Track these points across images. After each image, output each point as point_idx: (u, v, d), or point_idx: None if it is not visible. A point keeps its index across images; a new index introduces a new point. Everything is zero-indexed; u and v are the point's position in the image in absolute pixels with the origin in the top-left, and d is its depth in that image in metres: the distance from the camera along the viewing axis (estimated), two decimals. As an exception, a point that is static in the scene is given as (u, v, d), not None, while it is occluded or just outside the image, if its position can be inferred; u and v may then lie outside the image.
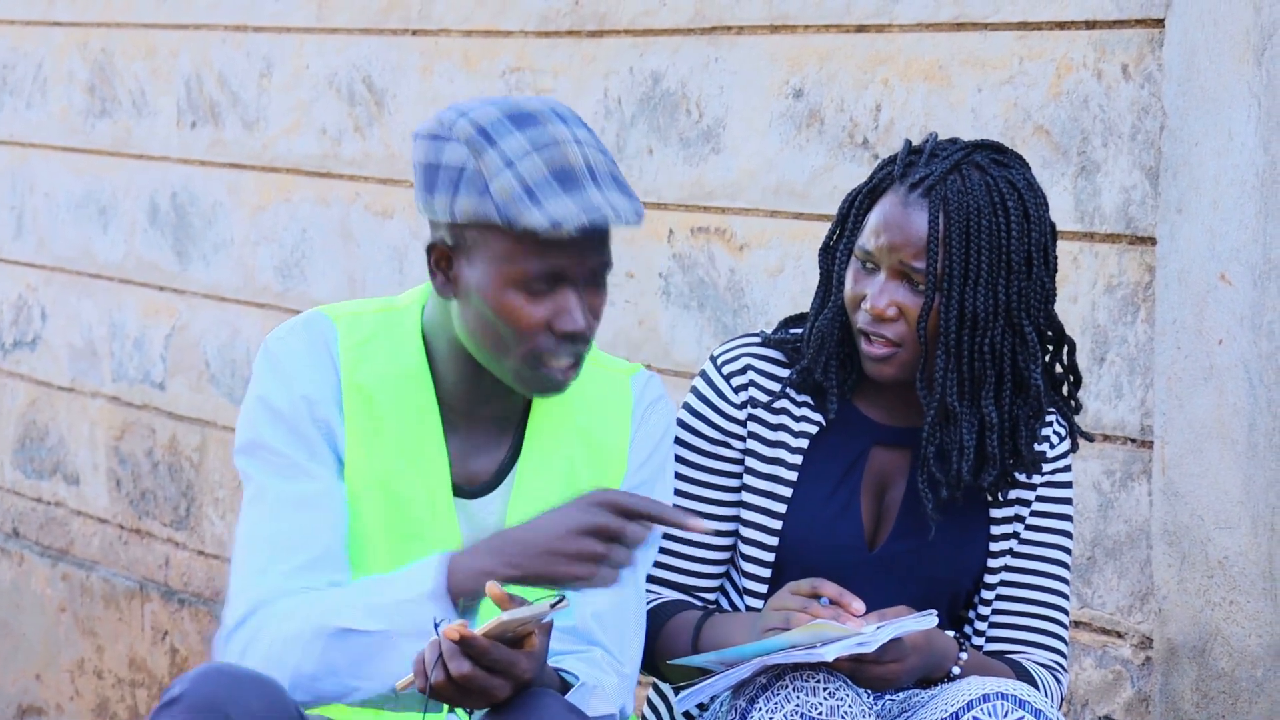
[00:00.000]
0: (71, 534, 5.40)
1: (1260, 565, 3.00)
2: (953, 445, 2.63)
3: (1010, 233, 2.60)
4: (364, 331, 2.53)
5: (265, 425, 2.49)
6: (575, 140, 2.43)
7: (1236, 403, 3.00)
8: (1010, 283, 2.60)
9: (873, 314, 2.60)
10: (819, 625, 2.45)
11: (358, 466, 2.50)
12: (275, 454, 2.49)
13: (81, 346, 5.31)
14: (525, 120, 2.43)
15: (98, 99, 5.19)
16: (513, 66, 4.09)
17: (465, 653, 2.31)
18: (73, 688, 5.35)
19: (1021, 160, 2.67)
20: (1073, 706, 3.28)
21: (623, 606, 2.55)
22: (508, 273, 2.42)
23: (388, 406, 2.51)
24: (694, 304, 3.79)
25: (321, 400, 2.49)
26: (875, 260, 2.61)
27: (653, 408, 2.60)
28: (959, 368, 2.60)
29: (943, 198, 2.59)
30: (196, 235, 4.92)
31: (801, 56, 3.60)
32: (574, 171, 2.42)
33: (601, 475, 2.56)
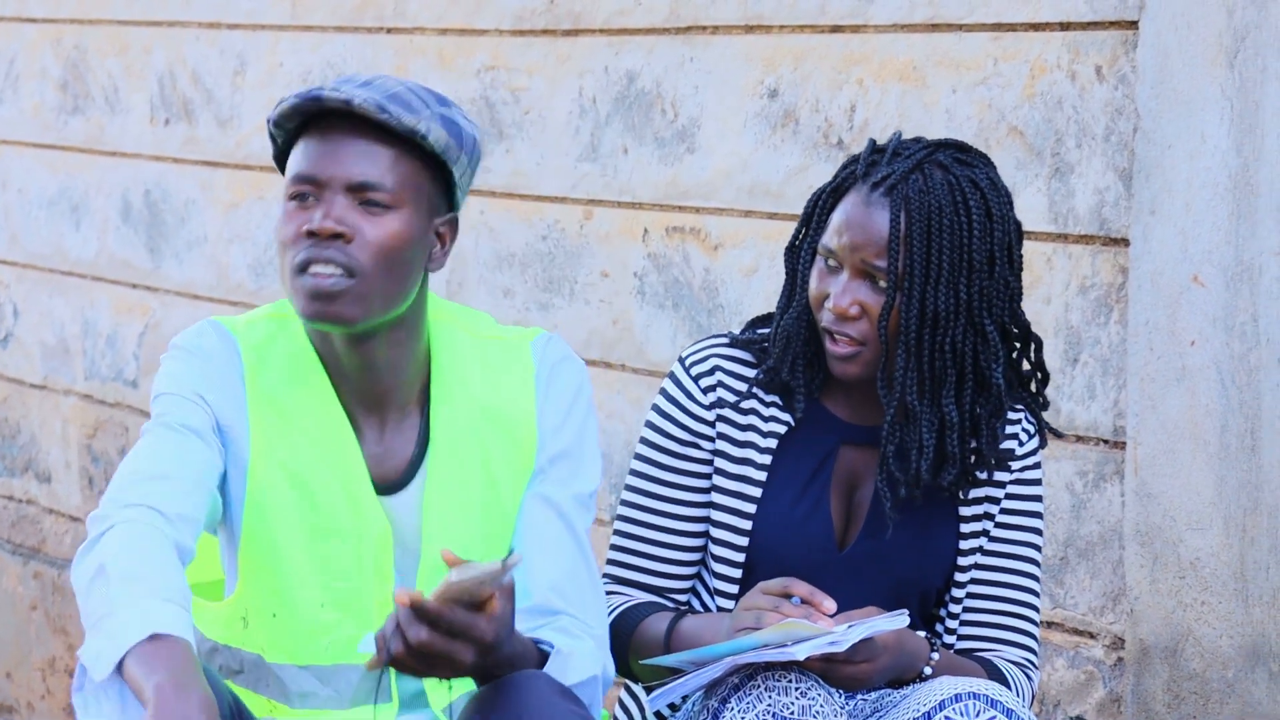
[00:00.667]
0: (43, 532, 5.39)
1: (1232, 566, 3.01)
2: (912, 444, 2.63)
3: (972, 231, 2.60)
4: (259, 337, 2.53)
5: (173, 399, 2.49)
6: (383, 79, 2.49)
7: (1209, 404, 3.01)
8: (972, 281, 2.61)
9: (836, 313, 2.61)
10: (790, 624, 2.45)
11: (268, 470, 2.49)
12: (173, 413, 2.47)
13: (54, 344, 5.29)
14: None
15: (71, 96, 5.17)
16: (487, 65, 4.09)
17: (421, 619, 2.28)
18: (44, 686, 5.34)
19: (986, 159, 2.67)
20: (1044, 707, 3.28)
21: (576, 572, 2.54)
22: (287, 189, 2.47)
23: (293, 409, 2.50)
24: (669, 303, 3.79)
25: (223, 407, 2.49)
26: (838, 259, 2.62)
27: (557, 369, 2.57)
28: (919, 366, 2.61)
29: (904, 196, 2.59)
30: (169, 233, 4.91)
31: (776, 57, 3.60)
32: (352, 78, 2.49)
33: (514, 451, 2.54)
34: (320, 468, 2.49)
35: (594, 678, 2.49)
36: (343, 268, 2.42)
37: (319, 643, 2.50)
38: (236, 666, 2.54)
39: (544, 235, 4.00)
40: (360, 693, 2.53)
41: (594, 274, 3.91)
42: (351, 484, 2.50)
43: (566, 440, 2.56)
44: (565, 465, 2.56)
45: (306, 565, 2.48)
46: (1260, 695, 2.99)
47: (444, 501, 2.51)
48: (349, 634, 2.49)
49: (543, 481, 2.55)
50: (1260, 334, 2.95)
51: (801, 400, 2.68)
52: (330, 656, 2.51)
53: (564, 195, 3.95)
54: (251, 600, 2.51)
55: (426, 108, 2.46)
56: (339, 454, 2.50)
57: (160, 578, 2.29)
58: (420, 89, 2.48)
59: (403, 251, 2.44)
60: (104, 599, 2.26)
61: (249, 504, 2.48)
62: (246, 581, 2.51)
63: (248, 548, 2.50)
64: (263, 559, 2.49)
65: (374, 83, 2.47)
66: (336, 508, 2.49)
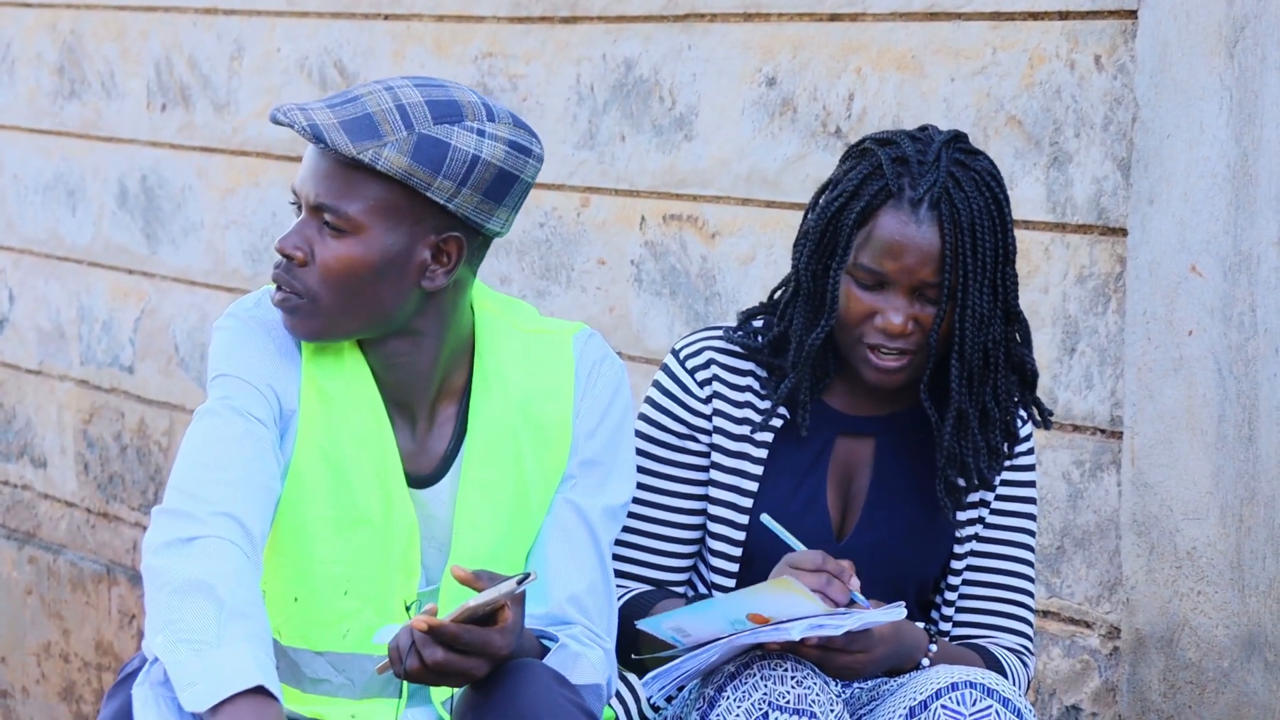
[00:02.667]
0: (39, 517, 5.39)
1: (1228, 556, 3.01)
2: (968, 449, 2.63)
3: (1005, 227, 2.61)
4: None
5: (235, 384, 2.48)
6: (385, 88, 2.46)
7: (1206, 394, 3.01)
8: (1005, 274, 2.61)
9: (891, 331, 2.59)
10: (789, 584, 2.43)
11: (310, 454, 2.49)
12: (239, 398, 2.46)
13: (50, 329, 5.29)
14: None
15: (67, 80, 5.17)
16: (484, 52, 4.09)
17: (437, 640, 2.31)
18: (39, 671, 5.34)
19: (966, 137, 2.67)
20: (1040, 696, 3.29)
21: (595, 587, 2.54)
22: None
23: (338, 396, 2.50)
24: (665, 291, 3.79)
25: (287, 392, 2.48)
26: (887, 279, 2.59)
27: (597, 369, 2.57)
28: (968, 369, 2.61)
29: (951, 209, 2.58)
30: (166, 218, 4.90)
31: (774, 45, 3.60)
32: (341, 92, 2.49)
33: (548, 451, 2.54)
34: (357, 457, 2.49)
35: (598, 685, 2.50)
36: (293, 290, 2.45)
37: (337, 630, 2.50)
38: None
39: (541, 223, 4.00)
40: (374, 683, 2.53)
41: (591, 261, 3.91)
42: (385, 476, 2.50)
43: (600, 447, 2.56)
44: (597, 473, 2.56)
45: (333, 553, 2.48)
46: (1256, 685, 2.99)
47: (476, 498, 2.51)
48: (368, 623, 2.49)
49: (574, 487, 2.55)
50: (1258, 324, 2.95)
51: (807, 410, 2.67)
52: (348, 645, 2.51)
53: (561, 183, 3.95)
54: (273, 582, 2.51)
55: (403, 129, 2.42)
56: (376, 445, 2.50)
57: (262, 624, 2.31)
58: (419, 105, 2.43)
59: (359, 275, 2.44)
60: (212, 624, 2.27)
61: (288, 488, 2.48)
62: (271, 563, 2.50)
63: (279, 531, 2.49)
64: (290, 543, 2.49)
65: (357, 99, 2.44)
66: (369, 498, 2.49)
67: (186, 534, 2.34)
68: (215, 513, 2.36)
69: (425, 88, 2.45)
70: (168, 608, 2.28)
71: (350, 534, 2.49)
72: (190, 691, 2.24)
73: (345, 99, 2.45)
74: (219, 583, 2.29)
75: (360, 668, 2.52)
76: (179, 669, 2.25)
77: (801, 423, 2.67)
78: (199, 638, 2.26)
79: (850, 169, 2.64)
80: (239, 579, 2.31)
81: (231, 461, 2.40)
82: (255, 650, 2.26)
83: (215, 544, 2.33)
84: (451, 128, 2.44)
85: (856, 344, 2.61)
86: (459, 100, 2.45)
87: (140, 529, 5.02)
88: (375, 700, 2.54)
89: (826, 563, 2.51)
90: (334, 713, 2.53)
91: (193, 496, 2.37)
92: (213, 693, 2.23)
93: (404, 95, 2.44)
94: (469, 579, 2.34)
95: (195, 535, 2.33)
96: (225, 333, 2.49)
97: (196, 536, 2.33)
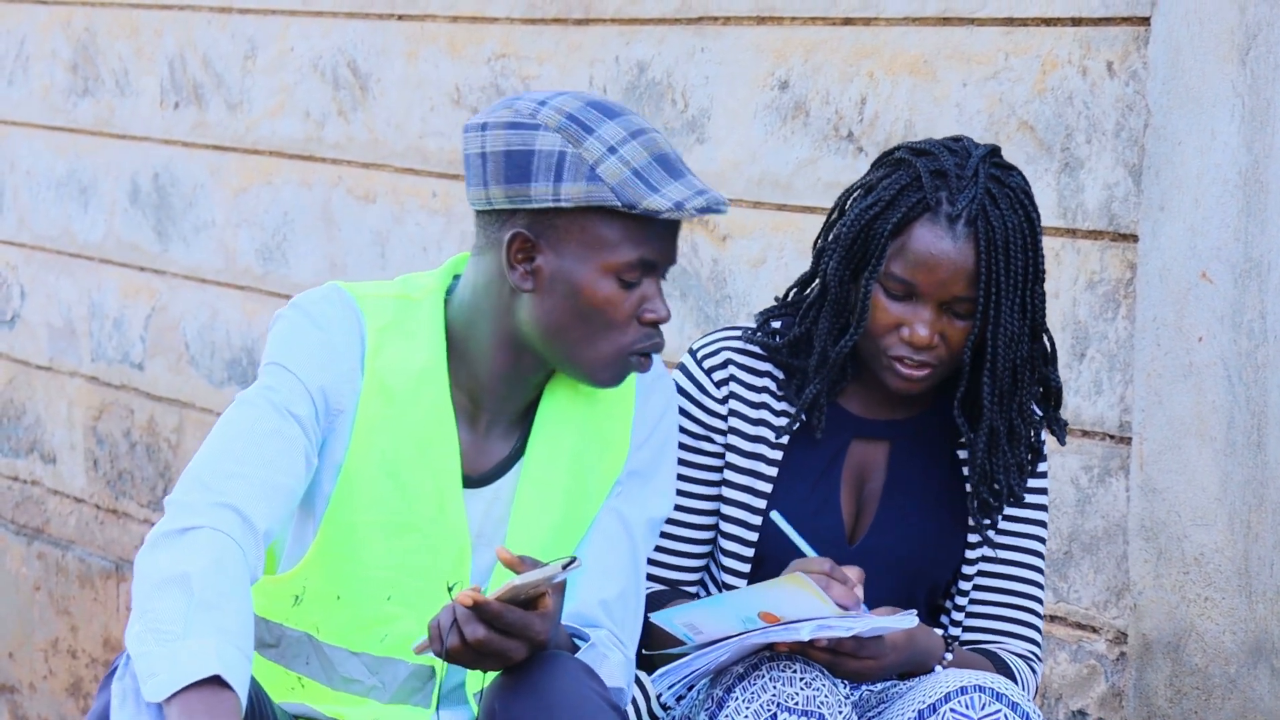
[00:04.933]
0: (47, 513, 5.40)
1: (1236, 562, 3.01)
2: (999, 466, 2.64)
3: (1038, 245, 2.62)
4: (385, 318, 2.50)
5: (281, 375, 2.45)
6: (656, 130, 2.45)
7: (1215, 400, 3.01)
8: (1036, 292, 2.62)
9: (918, 344, 2.59)
10: (802, 582, 2.43)
11: (366, 454, 2.48)
12: (282, 392, 2.45)
13: (60, 326, 5.30)
14: (608, 109, 2.44)
15: (80, 78, 5.18)
16: (498, 53, 4.09)
17: (480, 617, 2.31)
18: (46, 667, 5.35)
19: (1000, 151, 2.68)
20: (1046, 700, 3.29)
21: (627, 596, 2.55)
22: (606, 261, 2.42)
23: (403, 397, 2.48)
24: (676, 294, 3.80)
25: (339, 391, 2.46)
26: (918, 291, 2.59)
27: (655, 384, 2.58)
28: (998, 386, 2.61)
29: (987, 226, 2.58)
30: (177, 216, 4.91)
31: (787, 48, 3.60)
32: (670, 158, 2.43)
33: (605, 456, 2.55)
34: (416, 462, 2.48)
35: (620, 689, 2.50)
36: None
37: (376, 633, 2.50)
38: (271, 640, 2.53)
39: (552, 223, 4.00)
40: (404, 690, 2.53)
41: (602, 263, 3.91)
42: (442, 483, 2.49)
43: (647, 458, 2.57)
44: (640, 483, 2.57)
45: (382, 556, 2.47)
46: (1262, 691, 3.00)
47: (534, 497, 2.51)
48: (408, 629, 2.49)
49: (620, 496, 2.56)
50: (1268, 330, 2.96)
51: (823, 413, 2.67)
52: (385, 649, 2.51)
53: (573, 184, 3.95)
54: (315, 580, 2.50)
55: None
56: (438, 450, 2.49)
57: (236, 615, 2.28)
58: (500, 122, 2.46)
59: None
60: (179, 615, 2.25)
61: (339, 488, 2.47)
62: (316, 561, 2.49)
63: (328, 530, 2.48)
64: (340, 543, 2.48)
65: (685, 164, 2.51)
66: (424, 504, 2.49)
67: (182, 525, 2.33)
68: (216, 504, 2.35)
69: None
70: (145, 600, 2.28)
71: (400, 539, 2.48)
72: (151, 682, 2.22)
73: (684, 162, 2.50)
74: (195, 574, 2.28)
75: (394, 673, 2.52)
76: (142, 660, 2.24)
77: (817, 425, 2.67)
78: (166, 629, 2.25)
79: (885, 177, 2.63)
80: (217, 569, 2.29)
81: (251, 456, 2.39)
82: (220, 642, 2.24)
83: (206, 535, 2.32)
84: (465, 135, 2.47)
85: (880, 353, 2.62)
86: (492, 108, 2.48)
87: (149, 525, 5.03)
88: (403, 706, 2.53)
89: (834, 571, 2.51)
90: (359, 714, 2.52)
91: (201, 486, 2.37)
92: (170, 683, 2.21)
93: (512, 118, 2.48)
94: (514, 562, 2.34)
95: (191, 526, 2.33)
96: (285, 322, 2.48)
97: (191, 527, 2.32)
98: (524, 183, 2.41)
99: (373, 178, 4.40)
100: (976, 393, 2.64)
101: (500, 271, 2.45)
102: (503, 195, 2.43)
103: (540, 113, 2.42)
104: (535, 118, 2.42)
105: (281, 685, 2.53)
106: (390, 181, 4.35)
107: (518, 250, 2.43)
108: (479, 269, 2.48)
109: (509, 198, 2.42)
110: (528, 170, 2.40)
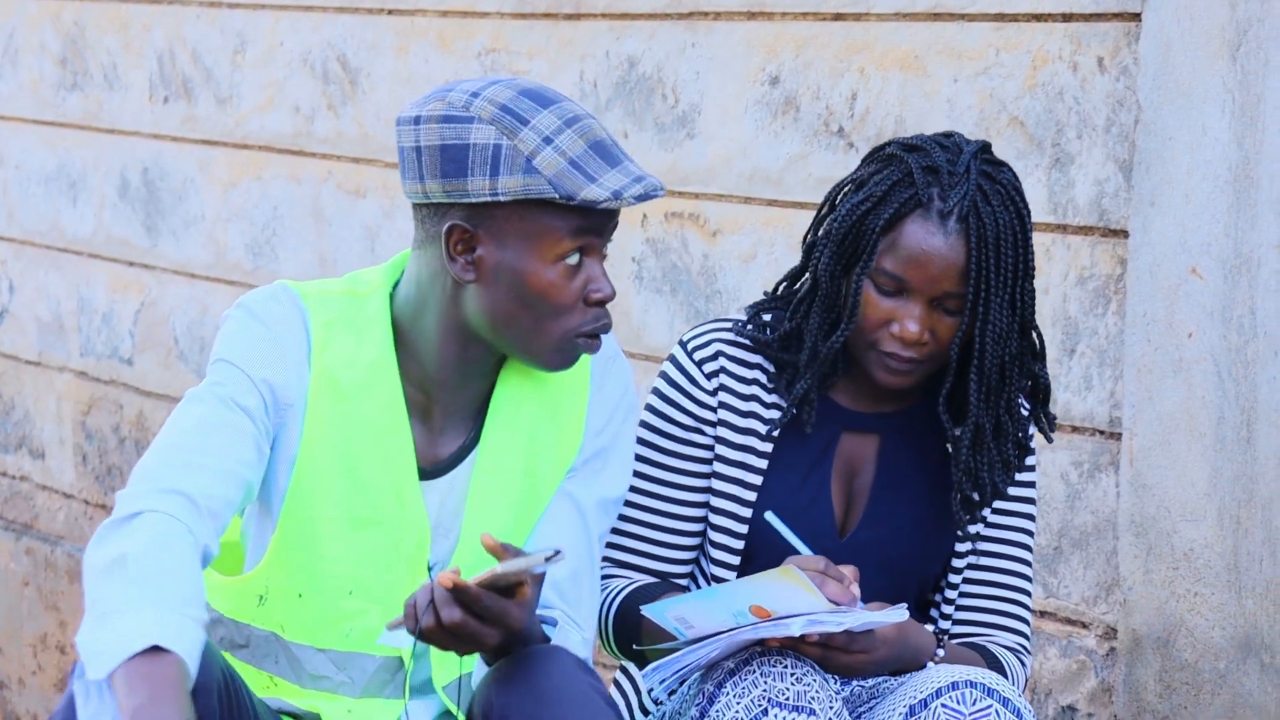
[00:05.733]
0: (36, 508, 5.39)
1: (1225, 558, 3.02)
2: (983, 464, 2.64)
3: (1028, 242, 2.62)
4: (331, 314, 2.51)
5: (228, 370, 2.46)
6: (590, 116, 2.45)
7: (1205, 396, 3.02)
8: (1025, 289, 2.62)
9: (907, 340, 2.59)
10: (793, 575, 2.43)
11: (319, 450, 2.48)
12: (229, 386, 2.45)
13: (49, 320, 5.29)
14: (541, 97, 2.44)
15: (69, 72, 5.17)
16: (488, 48, 4.09)
17: (457, 600, 2.31)
18: (35, 662, 5.34)
19: (990, 148, 2.68)
20: (1036, 695, 3.29)
21: (580, 576, 2.55)
22: (546, 249, 2.42)
23: (353, 392, 2.49)
24: (666, 289, 3.80)
25: (286, 385, 2.47)
26: (908, 287, 2.59)
27: (609, 366, 2.59)
28: (986, 383, 2.61)
29: (978, 222, 2.58)
30: (167, 211, 4.90)
31: (778, 44, 3.60)
32: (606, 145, 2.44)
33: (560, 443, 2.55)
34: (371, 456, 2.48)
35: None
36: None
37: (340, 628, 2.50)
38: (241, 641, 2.54)
39: (542, 219, 4.00)
40: (374, 683, 2.53)
41: (592, 258, 3.91)
42: (398, 475, 2.49)
43: (603, 443, 2.58)
44: (595, 467, 2.57)
45: (342, 552, 2.48)
46: (1251, 686, 3.00)
47: (490, 485, 2.52)
48: (372, 623, 2.49)
49: (574, 479, 2.57)
50: (1258, 327, 2.96)
51: (813, 406, 2.68)
52: (350, 643, 2.51)
53: (563, 179, 3.95)
54: (277, 578, 2.50)
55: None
56: (391, 444, 2.49)
57: (177, 585, 2.27)
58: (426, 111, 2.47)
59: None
60: (117, 594, 2.25)
61: (294, 485, 2.47)
62: (276, 560, 2.50)
63: (285, 528, 2.48)
64: (298, 541, 2.48)
65: (621, 148, 2.52)
66: (381, 498, 2.49)
67: (126, 513, 2.33)
68: (161, 489, 2.34)
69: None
70: (91, 591, 2.27)
71: (358, 534, 2.48)
72: (95, 662, 2.21)
73: (620, 146, 2.51)
74: (132, 553, 2.27)
75: (361, 667, 2.52)
76: (85, 645, 2.23)
77: (807, 419, 2.68)
78: (106, 610, 2.24)
79: (877, 173, 2.63)
80: (155, 545, 2.28)
81: (199, 447, 2.40)
82: (161, 611, 2.22)
83: (146, 518, 2.31)
84: (399, 128, 2.47)
85: (869, 347, 2.62)
86: (424, 99, 2.48)
87: (138, 521, 5.03)
88: (374, 700, 2.54)
89: (829, 569, 2.51)
90: (331, 709, 2.53)
91: (148, 478, 2.37)
92: (112, 658, 2.20)
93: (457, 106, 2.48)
94: (497, 549, 2.34)
95: (134, 513, 2.32)
96: (231, 322, 2.49)
97: (134, 514, 2.32)
98: (461, 177, 2.41)
99: (363, 173, 4.40)
100: (964, 389, 2.65)
101: (442, 264, 2.45)
102: (440, 190, 2.43)
103: (473, 105, 2.41)
104: (469, 110, 2.41)
105: (255, 684, 2.53)
106: (380, 176, 4.35)
107: (457, 242, 2.44)
108: (421, 262, 2.48)
109: (446, 192, 2.42)
110: (464, 165, 2.40)
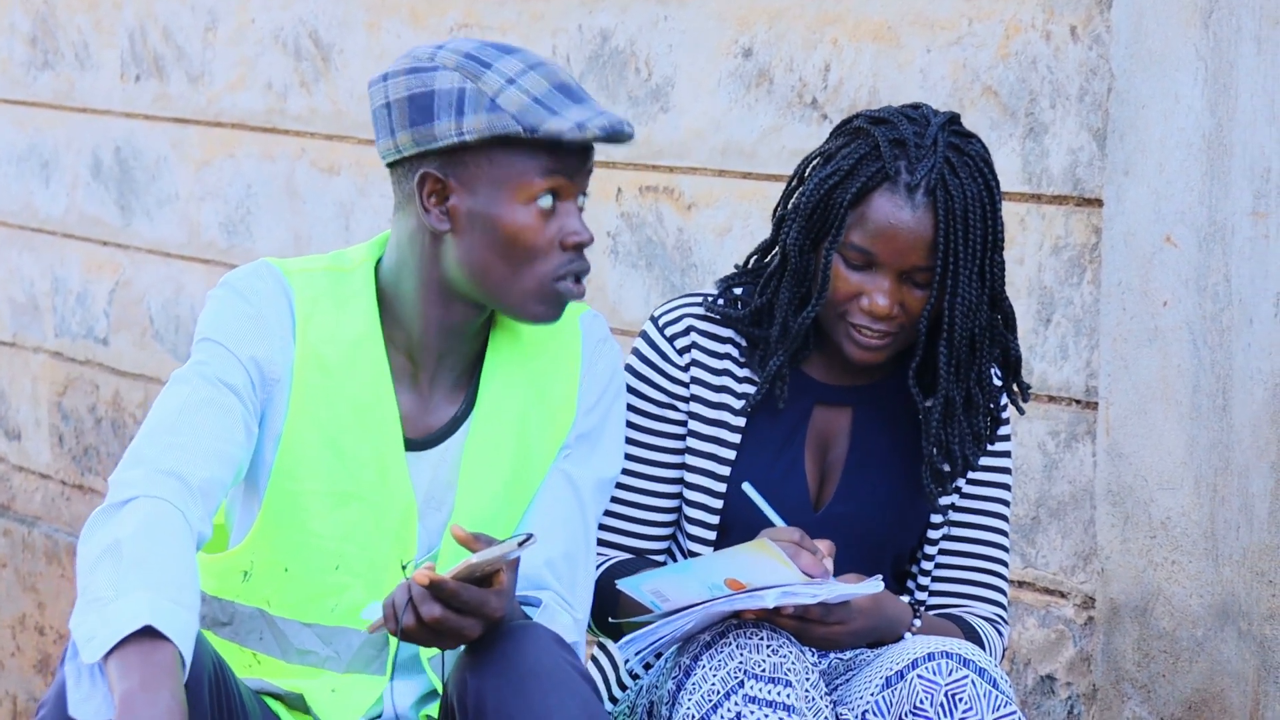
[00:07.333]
0: (13, 490, 5.38)
1: (1202, 526, 3.02)
2: (954, 436, 2.64)
3: (997, 214, 2.61)
4: (315, 289, 2.51)
5: (213, 348, 2.47)
6: (556, 63, 2.47)
7: (1180, 364, 3.02)
8: (995, 261, 2.61)
9: (877, 314, 2.59)
10: (766, 548, 2.43)
11: (304, 425, 2.48)
12: (215, 364, 2.46)
13: (23, 301, 5.27)
14: (506, 47, 2.46)
15: (40, 51, 5.15)
16: (460, 23, 4.08)
17: (435, 596, 2.31)
18: (14, 644, 5.33)
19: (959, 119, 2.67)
20: (1015, 665, 3.30)
21: (574, 555, 2.55)
22: (518, 190, 2.43)
23: (338, 366, 2.49)
24: (642, 263, 3.79)
25: (272, 361, 2.47)
26: (877, 260, 2.58)
27: (600, 347, 2.60)
28: (955, 356, 2.61)
29: (946, 196, 2.57)
30: (140, 190, 4.89)
31: (750, 16, 3.59)
32: (571, 87, 2.45)
33: (552, 418, 2.56)
34: (355, 429, 2.49)
35: (573, 644, 2.50)
36: None
37: (326, 603, 2.50)
38: (225, 619, 2.54)
39: (517, 194, 3.99)
40: (359, 658, 2.53)
41: (567, 233, 3.90)
42: (383, 450, 2.49)
43: (595, 421, 2.58)
44: (589, 446, 2.58)
45: (327, 526, 2.48)
46: (1229, 654, 3.01)
47: (481, 460, 2.52)
48: (357, 598, 2.49)
49: (568, 458, 2.57)
50: (1232, 294, 2.96)
51: (785, 381, 2.67)
52: (335, 618, 2.51)
53: (537, 154, 3.94)
54: (262, 554, 2.50)
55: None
56: (376, 416, 2.49)
57: (170, 570, 2.26)
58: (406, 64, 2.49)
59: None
60: (110, 580, 2.24)
61: (279, 461, 2.47)
62: (261, 536, 2.49)
63: (271, 504, 2.48)
64: (284, 515, 2.48)
65: (587, 92, 2.55)
66: (365, 472, 2.49)
67: (119, 499, 2.33)
68: (152, 472, 2.34)
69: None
70: (83, 579, 2.28)
71: (344, 508, 2.48)
72: (88, 646, 2.22)
73: (586, 91, 2.55)
74: (125, 539, 2.27)
75: (347, 642, 2.52)
76: (79, 630, 2.23)
77: (780, 394, 2.67)
78: (100, 596, 2.24)
79: (844, 146, 2.62)
80: (148, 530, 2.28)
81: (188, 427, 2.40)
82: (153, 596, 2.22)
83: (139, 503, 2.31)
84: (370, 90, 2.49)
85: (839, 321, 2.61)
86: (394, 62, 2.50)
87: (115, 501, 5.02)
88: (359, 675, 2.54)
89: (804, 541, 2.51)
90: (316, 685, 2.52)
91: (139, 461, 2.37)
92: (105, 642, 2.20)
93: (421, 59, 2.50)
94: (468, 540, 2.34)
95: (126, 499, 2.32)
96: (214, 301, 2.50)
97: (127, 500, 2.32)
98: (428, 123, 2.42)
99: (336, 150, 4.39)
100: (934, 361, 2.64)
101: (420, 222, 2.46)
102: (409, 140, 2.44)
103: (438, 55, 2.45)
104: (434, 60, 2.44)
105: (238, 663, 2.53)
106: (354, 154, 4.33)
107: (430, 192, 2.45)
108: (400, 226, 2.50)
109: (415, 141, 2.44)
110: (430, 110, 2.42)
